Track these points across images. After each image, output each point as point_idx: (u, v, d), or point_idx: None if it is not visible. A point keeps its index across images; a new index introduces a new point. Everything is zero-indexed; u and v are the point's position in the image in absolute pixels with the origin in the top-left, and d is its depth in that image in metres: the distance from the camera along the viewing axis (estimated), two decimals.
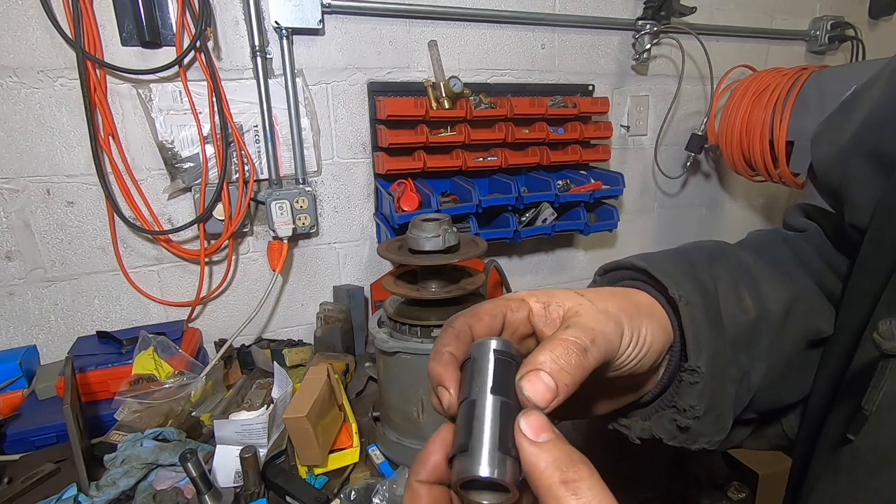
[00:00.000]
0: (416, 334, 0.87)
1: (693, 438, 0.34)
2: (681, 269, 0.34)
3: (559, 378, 0.24)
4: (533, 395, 0.24)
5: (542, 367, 0.24)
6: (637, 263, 0.35)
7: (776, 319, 0.35)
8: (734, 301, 0.34)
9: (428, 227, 0.86)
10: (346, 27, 1.29)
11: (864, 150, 0.35)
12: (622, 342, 0.29)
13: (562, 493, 0.21)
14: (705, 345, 0.32)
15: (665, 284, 0.33)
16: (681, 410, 0.33)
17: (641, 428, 0.36)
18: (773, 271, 0.38)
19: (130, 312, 1.27)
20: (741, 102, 1.58)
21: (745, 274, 0.37)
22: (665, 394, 0.35)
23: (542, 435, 0.22)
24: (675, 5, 1.50)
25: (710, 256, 0.37)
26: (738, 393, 0.34)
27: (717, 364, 0.32)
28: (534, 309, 0.30)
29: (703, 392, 0.32)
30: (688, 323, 0.32)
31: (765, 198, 2.04)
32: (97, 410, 1.03)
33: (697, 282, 0.34)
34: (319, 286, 1.44)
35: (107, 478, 0.82)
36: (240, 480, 0.84)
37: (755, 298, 0.35)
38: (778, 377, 0.36)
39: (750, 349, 0.34)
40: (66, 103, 1.10)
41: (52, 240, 1.16)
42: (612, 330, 0.28)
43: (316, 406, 0.85)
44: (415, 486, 0.25)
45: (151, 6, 1.09)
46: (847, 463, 0.33)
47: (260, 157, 1.27)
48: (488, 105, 1.36)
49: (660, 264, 0.35)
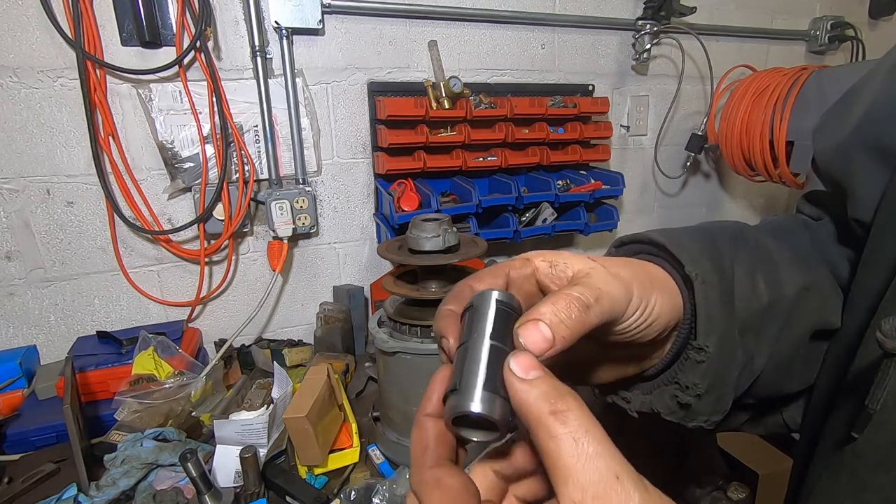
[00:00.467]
0: (416, 334, 0.87)
1: (691, 416, 0.34)
2: (700, 247, 0.34)
3: (557, 330, 0.24)
4: (528, 342, 0.24)
5: (541, 318, 0.25)
6: (655, 238, 0.35)
7: (788, 306, 0.35)
8: (749, 285, 0.34)
9: (428, 227, 0.86)
10: (346, 27, 1.29)
11: (866, 144, 0.35)
12: (629, 308, 0.29)
13: (551, 423, 0.21)
14: (716, 325, 0.32)
15: (682, 261, 0.32)
16: (683, 387, 0.33)
17: (641, 401, 0.36)
18: (791, 257, 0.37)
19: (130, 312, 1.27)
20: (741, 102, 1.58)
21: (764, 258, 0.36)
22: (669, 369, 0.35)
23: (532, 372, 0.23)
24: (675, 5, 1.50)
25: (733, 237, 0.36)
26: (741, 376, 0.34)
27: (724, 346, 0.32)
28: (539, 267, 0.30)
29: (707, 371, 0.32)
30: (701, 301, 0.32)
31: (765, 198, 2.04)
32: (97, 410, 1.03)
33: (716, 261, 0.33)
34: (319, 286, 1.44)
35: (107, 478, 0.82)
36: (240, 480, 0.84)
37: (770, 284, 0.35)
38: (781, 365, 0.36)
39: (757, 334, 0.34)
40: (66, 103, 1.10)
41: (52, 240, 1.16)
42: (619, 293, 0.28)
43: (316, 406, 0.85)
44: (422, 419, 0.26)
45: (151, 6, 1.10)
46: (849, 461, 0.33)
47: (260, 157, 1.27)
48: (488, 105, 1.36)
49: (679, 240, 0.34)
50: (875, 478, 0.31)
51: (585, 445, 0.21)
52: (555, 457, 0.21)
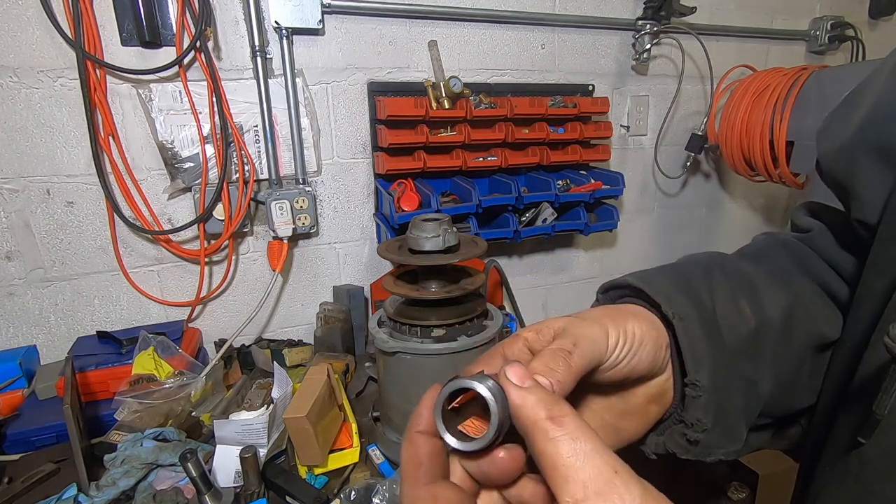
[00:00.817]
0: (416, 334, 0.87)
1: (706, 451, 0.34)
2: (674, 285, 0.35)
3: (551, 376, 0.26)
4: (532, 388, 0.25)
5: (534, 371, 0.26)
6: (632, 282, 0.36)
7: (777, 327, 0.35)
8: (733, 312, 0.35)
9: (428, 227, 0.86)
10: (346, 27, 1.29)
11: (870, 145, 0.35)
12: (609, 342, 0.30)
13: (549, 426, 0.22)
14: (704, 359, 0.32)
15: (658, 302, 0.33)
16: (689, 424, 0.33)
17: (656, 443, 0.36)
18: (771, 278, 0.38)
19: (130, 312, 1.27)
20: (741, 102, 1.58)
21: (743, 283, 0.37)
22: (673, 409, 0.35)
23: (527, 381, 0.24)
24: (675, 5, 1.50)
25: (706, 269, 0.37)
26: (748, 403, 0.34)
27: (718, 377, 0.32)
28: (528, 337, 0.31)
29: (707, 405, 0.32)
30: (683, 338, 0.33)
31: (765, 198, 2.04)
32: (97, 410, 1.03)
33: (692, 296, 0.34)
34: (319, 286, 1.44)
35: (107, 478, 0.82)
36: (240, 480, 0.84)
37: (754, 307, 0.35)
38: (788, 383, 0.36)
39: (754, 359, 0.34)
40: (66, 103, 1.10)
41: (52, 240, 1.16)
42: (595, 332, 0.30)
43: (316, 406, 0.85)
44: (413, 436, 0.26)
45: (151, 6, 1.10)
46: (855, 468, 0.33)
47: (260, 157, 1.27)
48: (488, 105, 1.36)
49: (654, 282, 0.35)
50: (882, 484, 0.31)
51: (583, 444, 0.21)
52: (553, 457, 0.21)
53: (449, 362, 0.86)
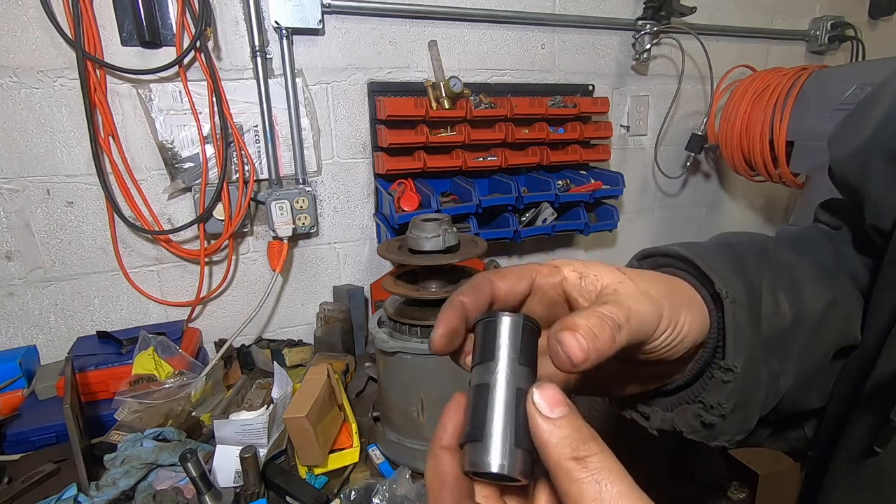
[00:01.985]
0: (416, 334, 0.87)
1: (714, 435, 0.34)
2: (728, 265, 0.33)
3: (591, 342, 0.24)
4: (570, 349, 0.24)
5: (577, 329, 0.24)
6: (683, 253, 0.34)
7: (812, 324, 0.34)
8: (772, 304, 0.33)
9: (428, 227, 0.86)
10: (346, 27, 1.29)
11: (883, 151, 0.34)
12: (658, 327, 0.29)
13: (572, 467, 0.21)
14: (744, 345, 0.31)
15: (712, 279, 0.32)
16: (707, 407, 0.32)
17: (662, 419, 0.35)
18: (815, 272, 0.37)
19: (130, 312, 1.27)
20: (741, 102, 1.58)
21: (787, 275, 0.35)
22: (692, 387, 0.34)
23: (556, 410, 0.23)
24: (675, 5, 1.50)
25: (757, 253, 0.36)
26: (767, 396, 0.33)
27: (751, 366, 0.31)
28: (568, 277, 0.29)
29: (733, 391, 0.31)
30: (730, 321, 0.31)
31: (765, 198, 2.04)
32: (97, 410, 1.03)
33: (745, 280, 0.33)
34: (319, 286, 1.44)
35: (107, 478, 0.82)
36: (240, 480, 0.84)
37: (793, 302, 0.34)
38: (806, 382, 0.35)
39: (782, 354, 0.34)
40: (66, 103, 1.10)
41: (52, 240, 1.16)
42: (649, 313, 0.28)
43: (316, 406, 0.85)
44: (438, 451, 0.25)
45: (151, 6, 1.09)
46: (870, 476, 0.32)
47: (260, 157, 1.27)
48: (488, 105, 1.36)
49: (708, 257, 0.33)
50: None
51: (609, 487, 0.21)
52: (576, 500, 0.21)
53: (449, 362, 0.86)
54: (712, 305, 0.32)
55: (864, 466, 0.33)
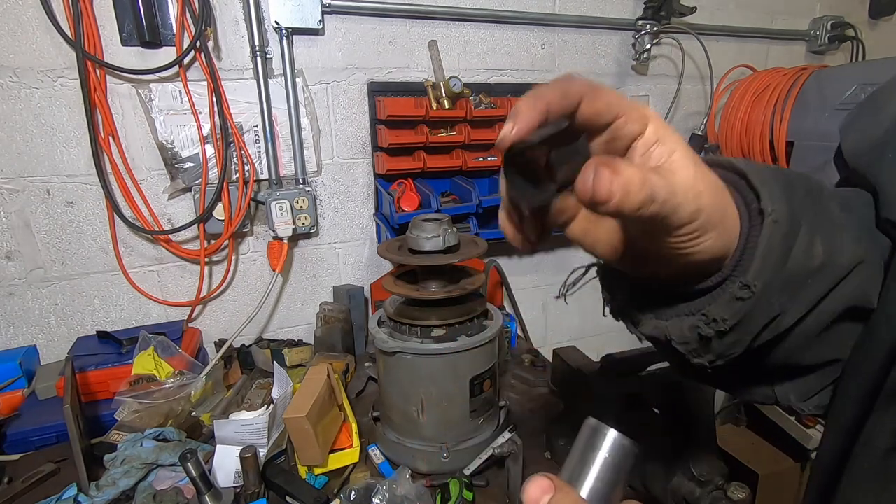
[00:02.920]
0: (416, 334, 0.87)
1: (702, 351, 0.33)
2: (780, 188, 0.32)
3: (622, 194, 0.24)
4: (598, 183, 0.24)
5: (618, 173, 0.24)
6: (738, 165, 0.33)
7: (837, 276, 0.33)
8: (807, 242, 0.32)
9: (428, 227, 0.86)
10: (346, 27, 1.29)
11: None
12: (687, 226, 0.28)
13: None
14: (768, 269, 0.30)
15: (760, 194, 0.31)
16: (710, 320, 0.31)
17: (654, 325, 0.34)
18: (854, 228, 0.35)
19: (130, 312, 1.27)
20: (741, 102, 1.58)
21: (828, 221, 0.34)
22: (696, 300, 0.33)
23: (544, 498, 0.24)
24: (675, 5, 1.50)
25: (809, 189, 0.34)
26: (765, 328, 0.32)
27: (766, 292, 0.30)
28: (646, 136, 0.29)
29: (740, 311, 0.30)
30: (765, 240, 0.30)
31: None
32: (97, 410, 1.03)
33: (791, 207, 0.31)
34: (319, 286, 1.44)
35: (107, 478, 0.82)
36: (240, 480, 0.84)
37: (827, 248, 0.33)
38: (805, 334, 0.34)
39: (795, 294, 0.32)
40: (66, 103, 1.10)
41: (52, 240, 1.16)
42: (686, 211, 0.27)
43: (316, 406, 0.85)
44: None
45: (151, 6, 1.09)
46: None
47: (260, 157, 1.27)
48: (488, 105, 1.36)
49: (761, 173, 0.32)
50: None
51: None
52: None
53: (449, 362, 0.86)
54: (747, 221, 0.31)
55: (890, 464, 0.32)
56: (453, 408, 0.89)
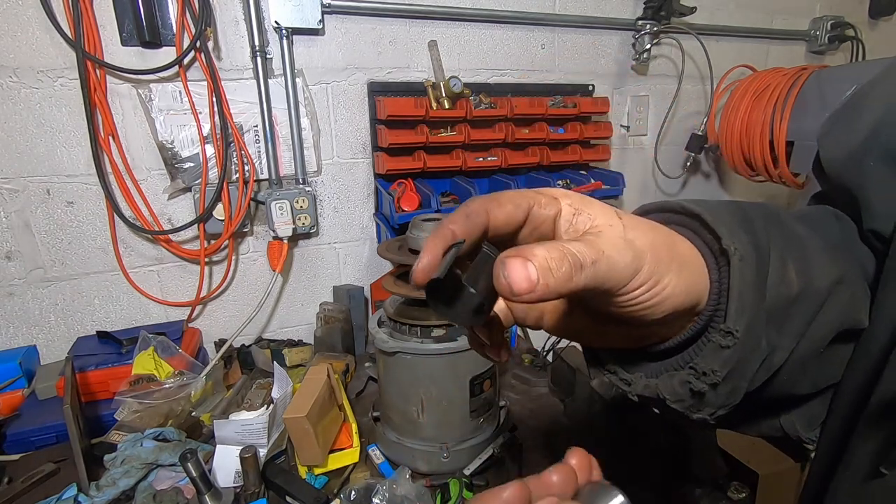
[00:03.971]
0: (416, 334, 0.87)
1: (699, 406, 0.31)
2: (738, 222, 0.31)
3: (543, 276, 0.23)
4: (512, 277, 0.23)
5: (532, 258, 0.23)
6: (689, 207, 0.31)
7: (818, 300, 0.32)
8: (779, 271, 0.30)
9: (428, 227, 0.86)
10: (346, 27, 1.29)
11: (882, 152, 0.33)
12: (633, 281, 0.26)
13: None
14: (747, 308, 0.28)
15: (719, 234, 0.29)
16: (699, 373, 0.30)
17: (645, 384, 0.33)
18: (824, 247, 0.34)
19: (130, 312, 1.27)
20: (741, 102, 1.58)
21: (797, 244, 0.33)
22: (683, 353, 0.32)
23: None
24: (675, 5, 1.50)
25: (766, 216, 0.33)
26: (759, 370, 0.31)
27: (751, 332, 0.29)
28: (563, 212, 0.28)
29: (729, 358, 0.29)
30: (736, 280, 0.28)
31: (765, 198, 2.04)
32: (97, 410, 1.03)
33: (753, 237, 0.30)
34: (319, 286, 1.44)
35: (107, 478, 0.82)
36: (240, 480, 0.84)
37: (801, 273, 0.31)
38: (800, 364, 0.33)
39: (781, 326, 0.31)
40: (66, 103, 1.10)
41: (52, 240, 1.16)
42: (624, 262, 0.26)
43: (316, 406, 0.85)
44: None
45: (151, 6, 1.09)
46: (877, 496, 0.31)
47: (260, 157, 1.27)
48: (488, 105, 1.36)
49: (715, 211, 0.31)
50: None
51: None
52: None
53: (449, 362, 0.86)
54: (714, 265, 0.30)
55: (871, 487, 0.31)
56: (453, 408, 0.89)
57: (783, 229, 0.33)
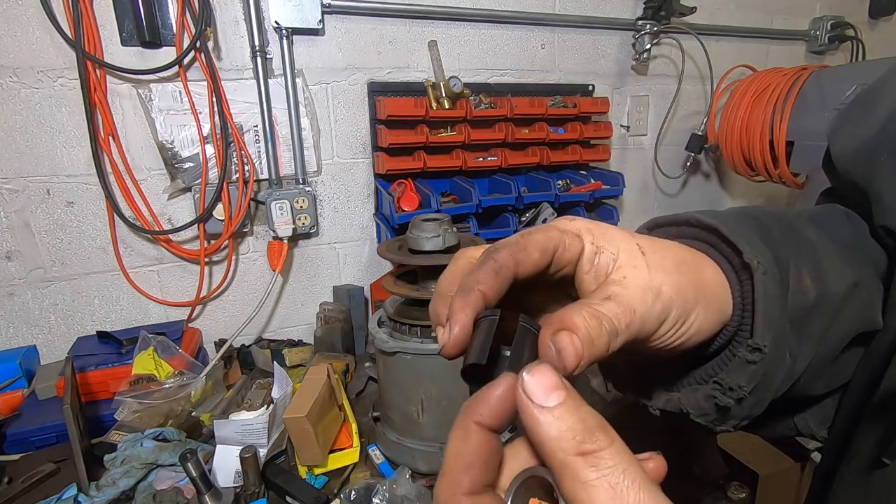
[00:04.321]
0: (416, 334, 0.87)
1: (723, 419, 0.31)
2: (755, 234, 0.30)
3: (587, 349, 0.22)
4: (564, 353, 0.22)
5: (576, 331, 0.22)
6: (706, 221, 0.30)
7: (835, 305, 0.31)
8: (797, 280, 0.30)
9: (428, 227, 0.86)
10: (346, 27, 1.29)
11: (893, 147, 0.33)
12: (661, 328, 0.26)
13: (579, 466, 0.18)
14: (774, 323, 0.28)
15: (740, 248, 0.28)
16: (725, 388, 0.29)
17: (667, 399, 0.32)
18: (836, 250, 0.34)
19: (130, 312, 1.27)
20: (741, 102, 1.58)
21: (810, 250, 0.32)
22: (706, 366, 0.31)
23: (553, 396, 0.19)
24: (675, 5, 1.50)
25: (779, 225, 0.32)
26: (784, 379, 0.30)
27: (778, 346, 0.28)
28: (586, 251, 0.27)
29: (756, 373, 0.28)
30: (761, 295, 0.28)
31: (765, 198, 2.04)
32: (97, 410, 1.03)
33: (773, 249, 0.30)
34: (319, 286, 1.44)
35: (107, 478, 0.82)
36: (240, 480, 0.84)
37: (816, 279, 0.31)
38: (820, 367, 0.32)
39: (800, 334, 0.30)
40: (66, 103, 1.10)
41: (52, 240, 1.16)
42: (654, 315, 0.25)
43: (316, 406, 0.85)
44: (470, 426, 0.21)
45: (151, 6, 1.09)
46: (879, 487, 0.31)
47: (260, 157, 1.27)
48: (488, 105, 1.36)
49: (732, 225, 0.30)
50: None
51: (625, 494, 0.17)
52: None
53: (449, 362, 0.86)
54: (736, 280, 0.30)
55: (873, 477, 0.31)
56: (453, 408, 0.89)
57: (795, 235, 0.33)
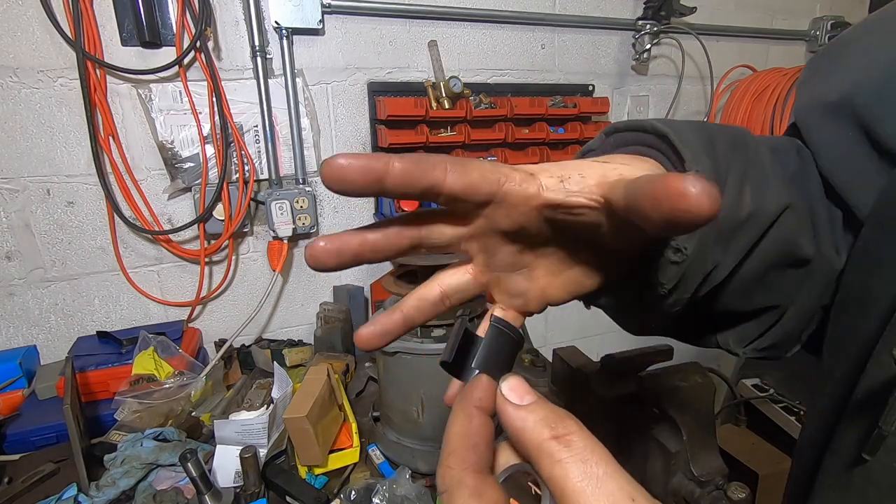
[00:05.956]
0: (416, 334, 0.87)
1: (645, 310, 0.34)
2: (702, 145, 0.31)
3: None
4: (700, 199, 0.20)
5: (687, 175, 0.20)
6: (659, 127, 0.31)
7: (765, 223, 0.33)
8: (735, 194, 0.31)
9: None
10: (346, 27, 1.29)
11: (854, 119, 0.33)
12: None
13: (554, 448, 0.21)
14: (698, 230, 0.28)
15: (684, 156, 0.29)
16: (651, 285, 0.31)
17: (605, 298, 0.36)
18: (783, 174, 0.36)
19: (130, 312, 1.27)
20: (741, 102, 1.58)
21: (758, 170, 0.34)
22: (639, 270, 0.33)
23: (526, 398, 0.23)
24: (675, 5, 1.50)
25: (732, 142, 0.34)
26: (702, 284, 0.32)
27: (701, 251, 0.30)
28: (547, 185, 0.25)
29: (675, 274, 0.30)
30: None
31: None
32: (97, 410, 1.03)
33: (714, 163, 0.31)
34: (319, 286, 1.44)
35: (107, 478, 0.82)
36: (240, 480, 0.84)
37: (756, 197, 0.32)
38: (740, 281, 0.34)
39: (727, 245, 0.32)
40: (66, 103, 1.10)
41: (52, 240, 1.16)
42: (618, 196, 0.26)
43: (316, 406, 0.85)
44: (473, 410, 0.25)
45: (151, 6, 1.09)
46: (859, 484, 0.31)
47: (260, 157, 1.27)
48: (488, 105, 1.37)
49: (683, 133, 0.30)
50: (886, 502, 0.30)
51: (594, 467, 0.20)
52: (562, 482, 0.20)
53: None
54: None
55: (853, 475, 0.32)
56: None
57: (748, 153, 0.34)
